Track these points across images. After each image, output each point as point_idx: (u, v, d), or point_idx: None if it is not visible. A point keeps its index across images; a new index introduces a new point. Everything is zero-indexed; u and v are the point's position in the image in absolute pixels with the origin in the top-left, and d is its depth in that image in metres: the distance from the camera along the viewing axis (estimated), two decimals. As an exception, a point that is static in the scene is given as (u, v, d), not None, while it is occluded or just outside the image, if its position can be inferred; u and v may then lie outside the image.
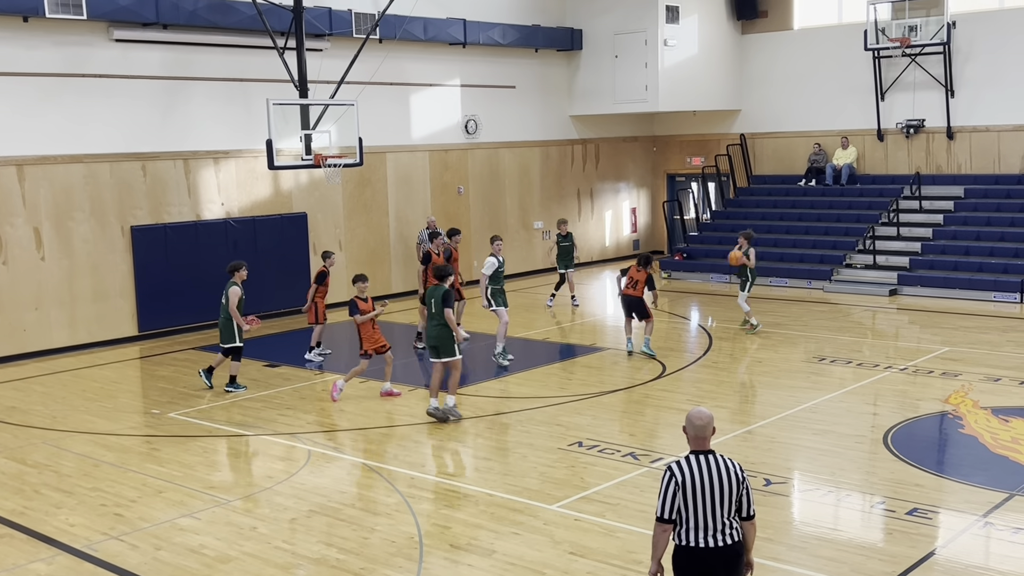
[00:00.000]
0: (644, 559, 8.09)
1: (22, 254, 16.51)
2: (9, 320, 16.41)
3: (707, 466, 5.75)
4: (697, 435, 5.84)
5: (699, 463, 5.77)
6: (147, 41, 17.67)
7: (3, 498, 10.01)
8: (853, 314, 19.14)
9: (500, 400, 13.26)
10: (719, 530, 5.75)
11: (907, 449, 10.69)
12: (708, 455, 5.81)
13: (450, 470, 10.65)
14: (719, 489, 5.72)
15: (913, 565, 7.85)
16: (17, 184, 16.42)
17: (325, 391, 14.25)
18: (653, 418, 12.25)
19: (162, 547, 8.68)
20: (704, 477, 5.73)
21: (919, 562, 7.91)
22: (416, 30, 21.15)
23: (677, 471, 5.76)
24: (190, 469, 10.78)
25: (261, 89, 18.61)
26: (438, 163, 22.76)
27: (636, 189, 28.10)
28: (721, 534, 5.75)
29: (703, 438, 5.84)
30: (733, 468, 5.79)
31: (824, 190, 24.53)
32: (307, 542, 8.71)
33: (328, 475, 10.50)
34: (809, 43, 25.15)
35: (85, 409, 13.35)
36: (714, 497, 5.72)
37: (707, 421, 5.85)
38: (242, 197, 19.34)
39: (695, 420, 5.86)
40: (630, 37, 24.34)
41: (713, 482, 5.72)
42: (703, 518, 5.73)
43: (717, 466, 5.76)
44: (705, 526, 5.74)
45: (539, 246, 25.32)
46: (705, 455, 5.81)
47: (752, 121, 26.33)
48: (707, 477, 5.73)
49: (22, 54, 16.31)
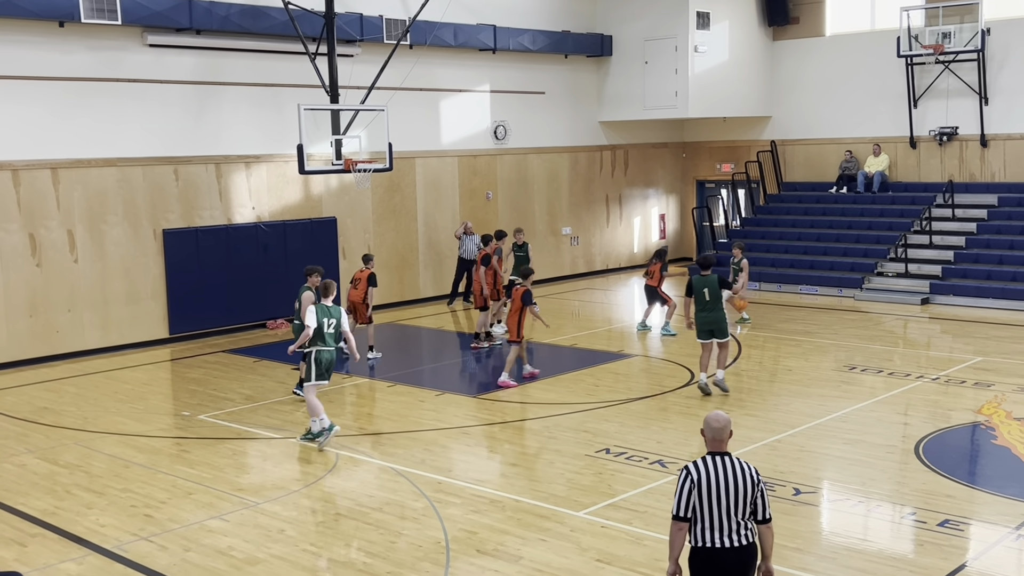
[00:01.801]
0: (671, 567, 8.07)
1: (56, 256, 16.70)
2: (43, 322, 16.60)
3: (723, 467, 5.91)
4: (715, 437, 6.03)
5: (715, 464, 5.93)
6: (180, 46, 17.83)
7: (35, 498, 10.12)
8: (884, 323, 18.98)
9: (527, 406, 13.25)
10: (734, 531, 5.87)
11: (939, 460, 10.57)
12: (724, 456, 5.96)
13: (477, 475, 10.66)
14: (734, 490, 5.86)
15: (944, 577, 7.77)
16: (51, 187, 16.61)
17: (354, 395, 14.32)
18: (681, 426, 12.19)
19: (191, 548, 8.74)
20: (719, 477, 5.88)
21: (950, 575, 7.82)
22: (446, 36, 21.22)
23: (693, 470, 5.93)
24: (219, 471, 10.85)
25: (292, 94, 18.73)
26: (467, 168, 22.81)
27: (665, 195, 28.02)
28: (736, 535, 5.87)
29: (720, 440, 6.02)
30: (748, 471, 5.93)
31: (855, 197, 24.34)
32: (334, 545, 8.74)
33: (356, 479, 10.53)
34: (841, 50, 24.99)
35: (116, 411, 13.47)
36: (728, 497, 5.85)
37: (724, 424, 6.03)
38: (273, 201, 19.47)
39: (712, 423, 6.05)
40: (660, 43, 24.29)
41: (728, 483, 5.87)
42: (718, 518, 5.86)
43: (732, 468, 5.91)
44: (720, 526, 5.86)
45: (567, 252, 25.30)
46: (721, 456, 5.97)
47: (783, 128, 26.19)
48: (722, 477, 5.88)
49: (57, 58, 16.51)
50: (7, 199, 16.15)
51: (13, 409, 13.73)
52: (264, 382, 14.92)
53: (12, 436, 12.41)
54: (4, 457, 11.51)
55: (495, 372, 14.91)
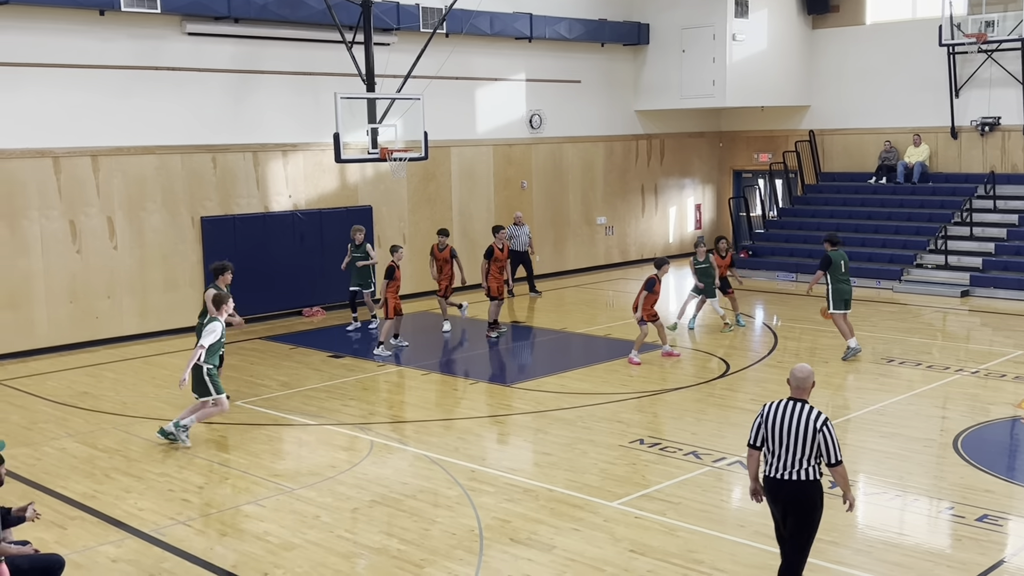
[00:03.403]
0: (706, 559, 8.06)
1: (96, 243, 16.90)
2: (83, 307, 16.82)
3: (790, 410, 6.83)
4: (798, 385, 6.93)
5: (786, 406, 6.86)
6: (219, 35, 17.95)
7: (75, 481, 10.27)
8: (923, 315, 18.77)
9: (561, 396, 13.25)
10: (791, 467, 6.75)
11: (977, 454, 10.45)
12: (799, 403, 6.85)
13: (511, 464, 10.68)
14: (792, 431, 6.74)
15: (982, 573, 7.69)
16: (91, 174, 16.80)
17: (388, 383, 14.39)
18: (716, 417, 12.14)
19: (227, 533, 8.83)
20: (783, 418, 6.81)
21: (989, 570, 7.74)
22: (483, 24, 21.19)
23: (765, 407, 6.95)
24: (255, 457, 10.95)
25: (329, 83, 18.80)
26: (502, 158, 22.80)
27: (701, 185, 27.85)
28: (793, 470, 6.75)
29: (802, 389, 6.92)
30: (811, 417, 6.75)
31: (895, 188, 24.07)
32: (369, 532, 8.79)
33: (390, 466, 10.59)
34: (882, 38, 24.67)
35: (155, 396, 13.63)
36: (789, 437, 6.75)
37: (807, 375, 6.93)
38: (309, 190, 19.57)
39: (797, 372, 6.95)
40: (698, 31, 24.11)
41: (788, 424, 6.77)
42: (778, 453, 6.81)
43: (799, 413, 6.79)
44: (778, 460, 6.81)
45: (601, 242, 25.23)
46: (795, 402, 6.86)
47: (822, 117, 25.93)
48: (786, 419, 6.80)
49: (97, 47, 16.68)
50: (48, 186, 16.36)
51: (53, 393, 13.93)
52: (300, 369, 15.02)
53: (53, 420, 12.59)
54: (45, 441, 11.69)
55: (526, 361, 14.92)
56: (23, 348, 16.24)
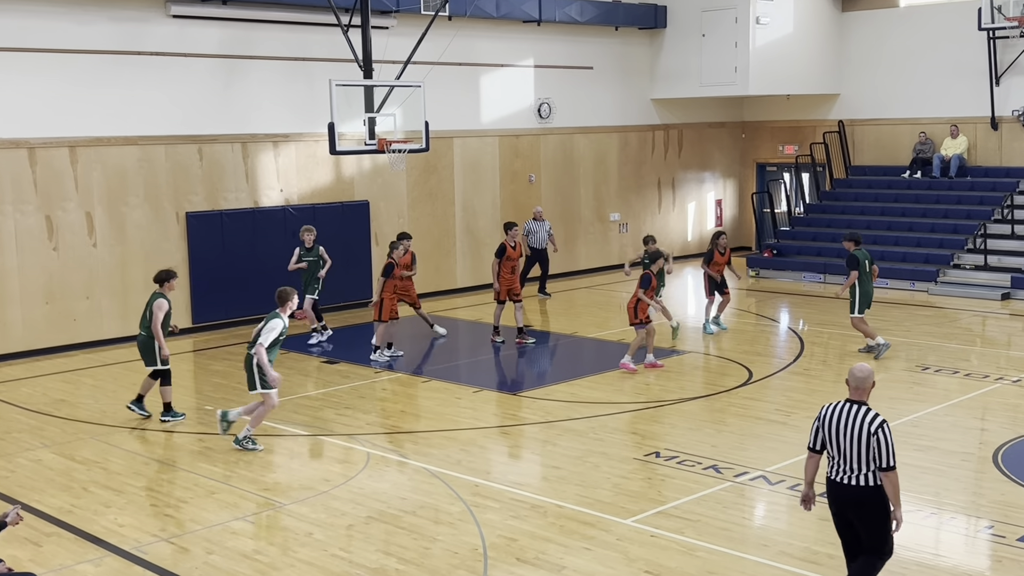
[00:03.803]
0: (726, 581, 8.05)
1: (74, 240, 16.94)
2: (59, 309, 16.86)
3: (847, 412, 7.03)
4: (857, 386, 7.10)
5: (844, 408, 7.07)
6: (205, 17, 17.99)
7: (51, 495, 10.29)
8: (961, 319, 18.74)
9: (571, 405, 13.25)
10: (852, 471, 6.96)
11: (1019, 469, 10.43)
12: (856, 404, 7.05)
13: (517, 478, 10.68)
14: (848, 433, 6.95)
15: (1025, 597, 7.67)
16: (69, 166, 16.85)
17: (386, 390, 14.40)
18: (738, 428, 12.13)
19: (214, 551, 8.84)
20: (840, 420, 7.02)
21: (1031, 594, 7.72)
22: (488, 6, 21.21)
23: (823, 409, 7.18)
24: (244, 469, 10.96)
25: (323, 69, 18.82)
26: (508, 149, 22.81)
27: (722, 179, 27.84)
28: (855, 475, 6.95)
29: (862, 389, 7.09)
30: (867, 419, 6.94)
31: (931, 183, 24.04)
32: (365, 550, 8.80)
33: (388, 480, 10.59)
34: (916, 22, 24.64)
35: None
36: (846, 440, 6.96)
37: (867, 374, 7.12)
38: (302, 183, 19.60)
39: (857, 372, 7.13)
40: (719, 14, 24.10)
41: (844, 426, 6.98)
42: (838, 456, 7.04)
43: (856, 415, 6.98)
44: (840, 464, 7.04)
45: (615, 240, 25.23)
46: (853, 404, 7.06)
47: (852, 107, 25.90)
48: (842, 421, 7.00)
49: (76, 30, 16.72)
50: (23, 179, 16.40)
51: (28, 401, 13.97)
52: (291, 376, 15.04)
53: (27, 429, 12.63)
54: (19, 452, 11.72)
55: (534, 367, 14.92)
56: (-4, 352, 16.31)
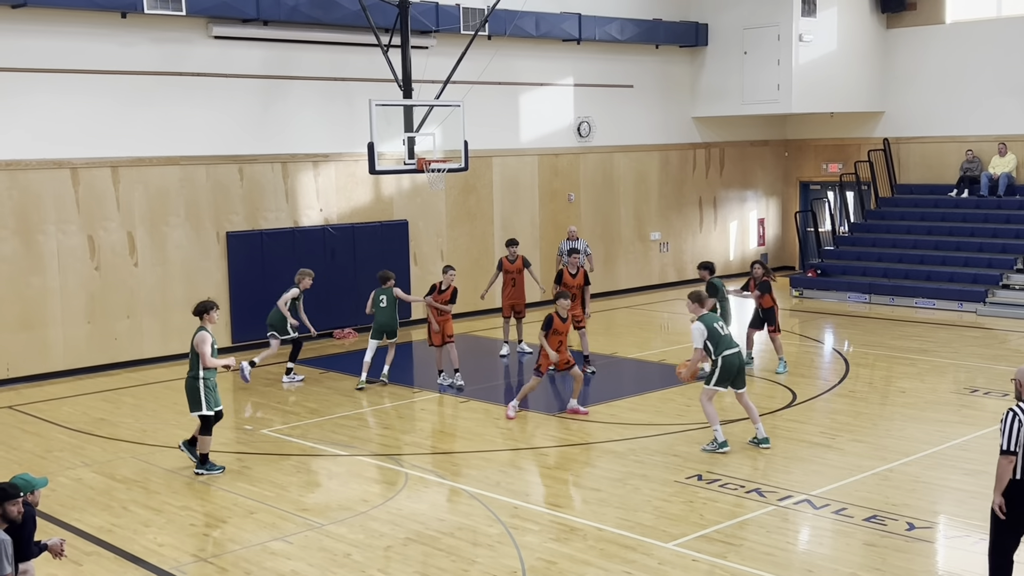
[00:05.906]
0: (769, 606, 7.97)
1: (115, 259, 17.17)
2: (101, 328, 17.07)
3: None
4: None
5: None
6: (246, 38, 18.22)
7: (91, 514, 10.40)
8: (1010, 341, 18.49)
9: (611, 426, 13.21)
10: None
11: (1072, 495, 10.23)
12: None
13: (557, 500, 10.65)
14: None
15: (1078, 626, 7.53)
16: (111, 186, 17.09)
17: (425, 411, 14.43)
18: (782, 451, 12.03)
19: (252, 571, 8.89)
20: None
21: (1085, 623, 7.58)
22: (528, 26, 21.31)
23: (1021, 412, 7.37)
24: (283, 489, 11.02)
25: (363, 89, 18.99)
26: (547, 168, 22.85)
27: (765, 198, 27.71)
28: None
29: None
30: None
31: (979, 202, 23.79)
32: (403, 571, 8.81)
33: (426, 500, 10.61)
34: (963, 38, 24.44)
35: (176, 423, 13.76)
36: None
37: None
38: (341, 203, 19.75)
39: None
40: (761, 32, 24.05)
41: None
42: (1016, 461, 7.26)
43: None
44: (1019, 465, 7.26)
45: (655, 259, 25.17)
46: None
47: (897, 124, 25.71)
48: None
49: (118, 51, 16.99)
50: (66, 199, 16.66)
51: (69, 420, 14.14)
52: (331, 395, 15.12)
53: (68, 448, 12.78)
54: (60, 471, 11.85)
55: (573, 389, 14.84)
56: (38, 371, 16.52)
